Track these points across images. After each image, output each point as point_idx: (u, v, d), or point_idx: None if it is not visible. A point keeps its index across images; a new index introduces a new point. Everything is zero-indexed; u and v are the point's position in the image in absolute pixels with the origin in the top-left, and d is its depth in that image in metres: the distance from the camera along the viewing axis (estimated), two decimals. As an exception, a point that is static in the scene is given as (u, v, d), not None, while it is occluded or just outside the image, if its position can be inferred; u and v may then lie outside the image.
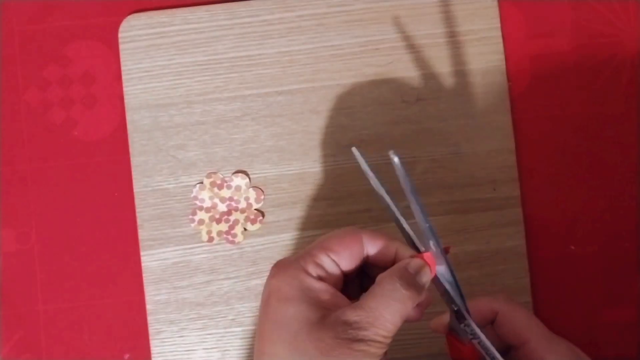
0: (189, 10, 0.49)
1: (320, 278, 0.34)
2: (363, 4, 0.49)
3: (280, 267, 0.34)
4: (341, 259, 0.34)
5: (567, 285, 0.48)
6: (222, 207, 0.48)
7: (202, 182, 0.48)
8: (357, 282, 0.37)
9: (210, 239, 0.48)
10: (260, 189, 0.48)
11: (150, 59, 0.48)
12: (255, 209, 0.48)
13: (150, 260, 0.48)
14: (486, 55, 0.49)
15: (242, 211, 0.48)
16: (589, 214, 0.49)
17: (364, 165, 0.36)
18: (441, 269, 0.36)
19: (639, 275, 0.49)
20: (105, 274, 0.48)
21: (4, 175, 0.49)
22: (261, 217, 0.48)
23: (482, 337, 0.36)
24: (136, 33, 0.49)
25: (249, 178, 0.48)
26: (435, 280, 0.36)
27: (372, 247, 0.35)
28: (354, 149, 0.37)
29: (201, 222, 0.48)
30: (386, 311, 0.32)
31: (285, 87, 0.49)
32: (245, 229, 0.48)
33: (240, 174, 0.48)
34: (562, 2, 0.50)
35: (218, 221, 0.48)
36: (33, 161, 0.49)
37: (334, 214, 0.48)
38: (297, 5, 0.49)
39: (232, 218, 0.48)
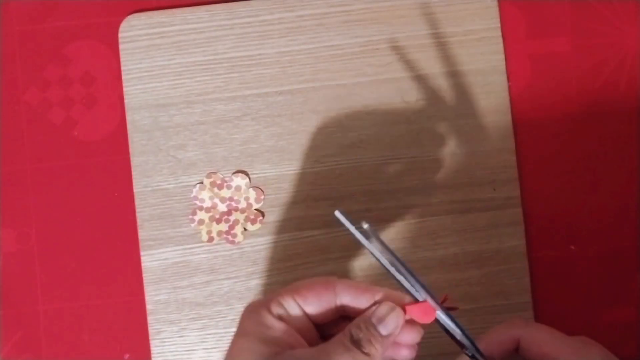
0: (189, 10, 0.49)
1: (280, 318, 0.34)
2: (363, 4, 0.49)
3: (249, 306, 0.35)
4: (307, 304, 0.34)
5: (567, 285, 0.48)
6: (222, 207, 0.48)
7: (202, 182, 0.48)
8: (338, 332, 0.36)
9: (210, 239, 0.48)
10: (260, 189, 0.48)
11: (150, 59, 0.48)
12: (255, 209, 0.48)
13: (150, 260, 0.48)
14: (486, 55, 0.49)
15: (242, 211, 0.48)
16: (589, 214, 0.49)
17: (351, 228, 0.35)
18: (444, 318, 0.36)
19: (639, 275, 0.49)
20: (105, 274, 0.48)
21: (4, 175, 0.49)
22: (261, 217, 0.48)
23: None
24: (136, 33, 0.49)
25: (249, 178, 0.48)
26: (442, 328, 0.36)
27: (347, 297, 0.35)
28: (337, 213, 0.35)
29: (201, 222, 0.48)
30: (340, 357, 0.32)
31: (285, 87, 0.49)
32: (245, 229, 0.48)
33: (240, 174, 0.48)
34: (562, 2, 0.50)
35: (218, 221, 0.48)
36: (33, 161, 0.49)
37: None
38: (297, 5, 0.49)
39: (232, 218, 0.48)
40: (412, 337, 0.34)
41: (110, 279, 0.48)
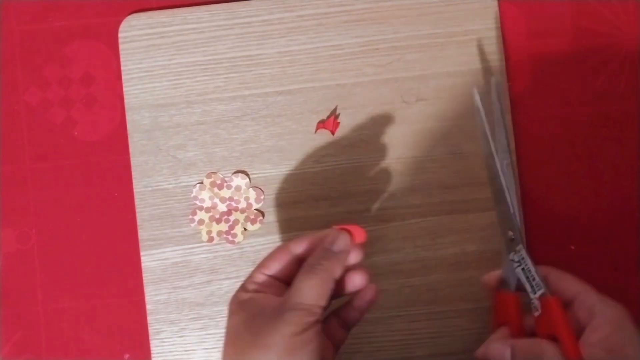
0: (189, 10, 0.49)
1: (256, 291, 0.39)
2: (363, 4, 0.49)
3: (232, 297, 0.40)
4: (271, 270, 0.39)
5: (567, 285, 0.48)
6: (222, 207, 0.48)
7: (202, 182, 0.48)
8: None
9: (210, 239, 0.48)
10: (260, 189, 0.48)
11: (150, 59, 0.48)
12: (255, 209, 0.48)
13: (150, 260, 0.48)
14: (486, 55, 0.49)
15: (242, 211, 0.48)
16: (589, 214, 0.49)
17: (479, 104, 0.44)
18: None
19: (639, 275, 0.49)
20: (105, 274, 0.48)
21: (4, 175, 0.49)
22: (261, 217, 0.48)
23: (528, 261, 0.42)
24: (136, 33, 0.49)
25: (249, 178, 0.48)
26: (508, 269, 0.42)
27: (300, 248, 0.40)
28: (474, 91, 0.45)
29: (201, 222, 0.48)
30: (306, 283, 0.37)
31: (285, 87, 0.49)
32: (245, 229, 0.48)
33: (240, 174, 0.48)
34: (562, 2, 0.50)
35: (218, 221, 0.48)
36: (33, 161, 0.49)
37: (334, 214, 0.48)
38: (297, 5, 0.49)
39: (232, 218, 0.48)
40: (354, 256, 0.40)
41: (110, 279, 0.48)
